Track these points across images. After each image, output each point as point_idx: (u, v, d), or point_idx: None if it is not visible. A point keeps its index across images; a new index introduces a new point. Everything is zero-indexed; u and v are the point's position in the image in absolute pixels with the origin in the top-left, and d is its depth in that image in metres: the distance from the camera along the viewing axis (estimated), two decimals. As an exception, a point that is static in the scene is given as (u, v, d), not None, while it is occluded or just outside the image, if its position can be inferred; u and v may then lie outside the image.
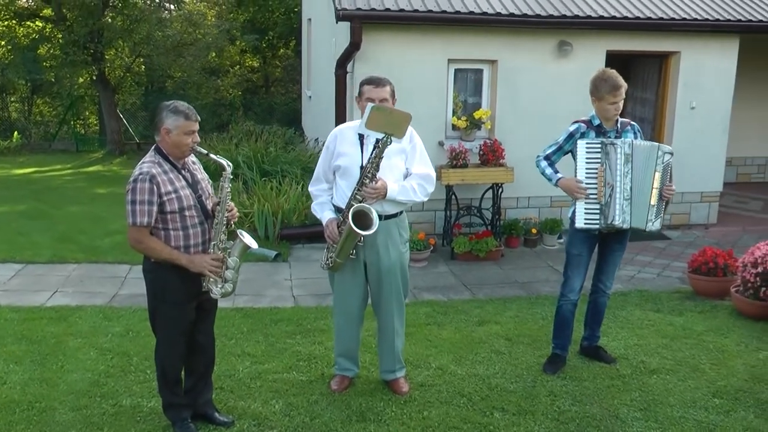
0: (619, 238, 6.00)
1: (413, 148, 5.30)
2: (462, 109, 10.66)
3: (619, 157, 5.59)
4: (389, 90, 5.22)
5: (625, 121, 5.91)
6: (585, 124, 5.85)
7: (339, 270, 5.38)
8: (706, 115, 11.41)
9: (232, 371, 5.94)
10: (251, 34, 22.76)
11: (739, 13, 11.15)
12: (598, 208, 5.66)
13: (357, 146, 5.21)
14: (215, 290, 4.71)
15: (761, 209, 12.96)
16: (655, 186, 5.63)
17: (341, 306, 5.54)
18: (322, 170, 5.42)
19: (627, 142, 5.64)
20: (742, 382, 6.00)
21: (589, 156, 5.65)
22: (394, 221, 5.33)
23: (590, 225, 5.70)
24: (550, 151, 5.92)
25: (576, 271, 5.99)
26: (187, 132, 4.53)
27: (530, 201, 10.93)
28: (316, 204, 5.48)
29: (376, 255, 5.30)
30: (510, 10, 10.07)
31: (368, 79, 5.28)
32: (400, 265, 5.40)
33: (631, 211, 5.64)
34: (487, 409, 5.41)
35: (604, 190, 5.62)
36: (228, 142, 13.90)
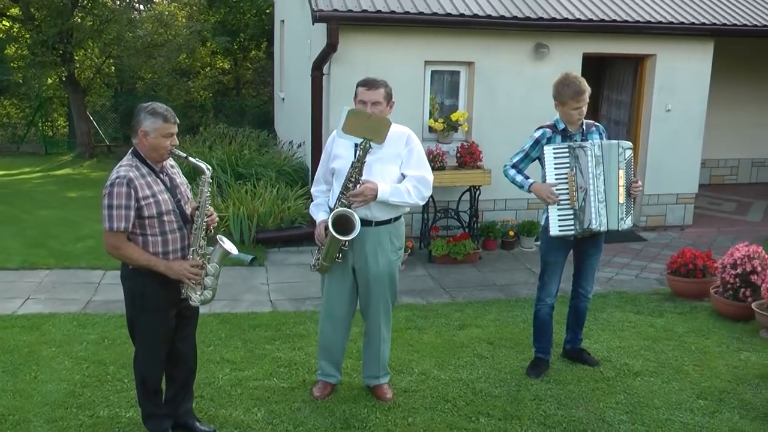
0: (594, 242, 5.95)
1: (409, 152, 5.17)
2: (439, 111, 10.61)
3: (590, 159, 5.53)
4: (383, 93, 5.09)
5: (590, 123, 5.87)
6: (550, 128, 5.79)
7: (327, 273, 5.30)
8: (681, 118, 11.46)
9: (212, 379, 5.83)
10: (222, 36, 22.60)
11: (714, 17, 11.22)
12: (571, 213, 5.61)
13: (351, 149, 5.12)
14: (194, 297, 4.60)
15: (735, 210, 13.06)
16: (621, 184, 5.61)
17: (329, 310, 5.45)
18: (321, 172, 5.37)
19: (596, 143, 5.59)
20: (725, 383, 6.01)
21: (558, 161, 5.59)
22: (386, 228, 5.22)
23: (565, 231, 5.64)
24: (517, 159, 5.86)
25: (552, 277, 5.96)
26: (165, 134, 4.41)
27: (507, 203, 10.90)
28: (313, 205, 5.43)
29: (365, 261, 5.22)
30: (487, 12, 10.03)
31: (363, 80, 5.16)
32: (388, 273, 5.30)
33: (607, 213, 5.60)
34: (472, 414, 5.35)
35: (577, 194, 5.57)
36: (201, 145, 13.74)
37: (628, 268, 9.68)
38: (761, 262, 7.52)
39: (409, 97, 10.12)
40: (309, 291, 8.24)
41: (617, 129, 12.00)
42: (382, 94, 5.08)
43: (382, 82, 5.13)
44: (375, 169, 5.02)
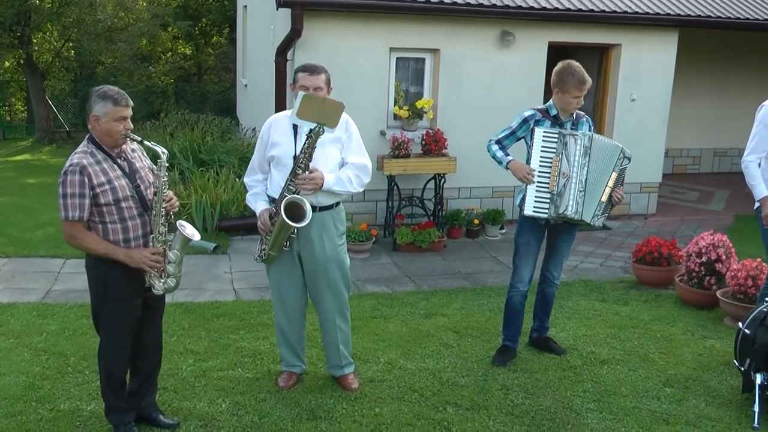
0: (568, 229, 5.98)
1: (349, 137, 5.16)
2: (404, 98, 10.54)
3: (578, 148, 5.55)
4: (324, 78, 5.07)
5: (580, 113, 5.90)
6: (541, 112, 5.79)
7: (273, 263, 5.23)
8: (646, 108, 11.51)
9: (176, 370, 5.72)
10: (184, 21, 22.30)
11: (678, 8, 11.30)
12: (548, 197, 5.61)
13: (291, 136, 5.06)
14: (158, 285, 4.49)
15: (697, 200, 13.18)
16: (609, 185, 5.65)
17: (280, 301, 5.38)
18: (257, 161, 5.28)
19: (587, 135, 5.61)
20: (691, 370, 6.05)
21: (546, 145, 5.61)
22: (330, 213, 5.17)
23: (538, 213, 5.66)
24: (502, 136, 5.86)
25: (524, 260, 5.95)
26: (117, 118, 4.28)
27: (472, 191, 10.87)
28: (251, 195, 5.32)
29: (311, 248, 5.15)
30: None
31: (303, 66, 5.12)
32: (336, 258, 5.24)
33: (584, 202, 5.60)
34: (439, 404, 5.32)
35: (558, 179, 5.58)
36: (162, 132, 13.55)
37: (592, 256, 9.71)
38: (726, 250, 7.57)
39: (373, 84, 10.04)
40: (273, 280, 8.15)
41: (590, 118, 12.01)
42: (323, 80, 5.06)
43: (322, 67, 5.11)
44: (317, 154, 4.95)
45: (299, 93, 4.83)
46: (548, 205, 5.61)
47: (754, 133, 6.11)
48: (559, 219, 5.69)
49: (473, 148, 9.60)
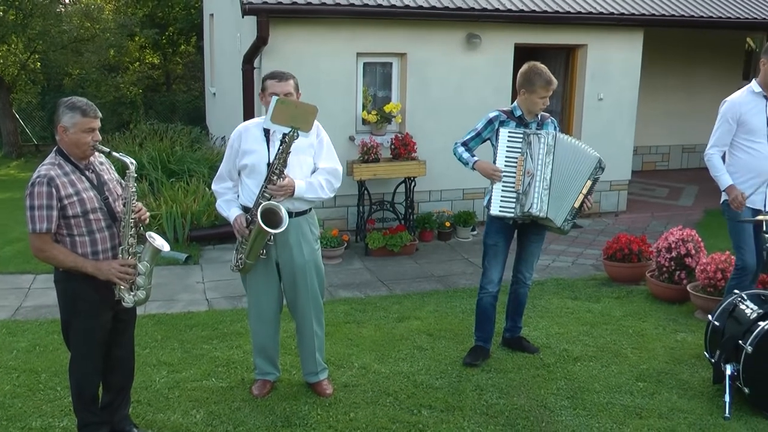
0: (537, 229, 6.01)
1: (320, 143, 5.18)
2: (372, 103, 10.55)
3: (542, 147, 5.59)
4: (293, 84, 5.09)
5: (545, 115, 5.95)
6: (505, 113, 5.84)
7: (250, 271, 5.21)
8: (613, 107, 11.61)
9: (149, 382, 5.68)
10: (151, 30, 22.16)
11: (643, 8, 11.42)
12: (514, 196, 5.65)
13: (263, 143, 5.06)
14: (127, 298, 4.45)
15: (667, 196, 13.30)
16: (583, 192, 5.70)
17: (256, 309, 5.36)
18: (226, 169, 5.25)
19: (551, 134, 5.66)
20: (663, 364, 6.12)
21: (511, 145, 5.64)
22: (305, 218, 5.19)
23: (505, 212, 5.69)
24: (468, 138, 5.90)
25: (493, 261, 5.98)
26: (85, 130, 4.24)
27: (443, 194, 10.90)
28: (222, 201, 5.29)
29: (289, 254, 5.15)
30: (418, 3, 10.00)
31: (271, 73, 5.14)
32: (314, 263, 5.27)
33: (549, 201, 5.64)
34: (414, 407, 5.33)
35: (523, 178, 5.62)
36: (131, 142, 13.44)
37: (564, 255, 9.76)
38: (695, 245, 7.66)
39: (341, 90, 10.05)
40: (245, 288, 8.12)
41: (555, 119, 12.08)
42: (292, 85, 5.08)
43: (289, 73, 5.13)
44: (291, 161, 4.96)
45: (273, 97, 4.83)
46: (514, 205, 5.65)
47: (717, 127, 6.22)
48: (526, 218, 5.73)
49: (442, 151, 9.61)
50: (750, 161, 6.14)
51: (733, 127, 6.14)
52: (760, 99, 6.11)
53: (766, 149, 6.10)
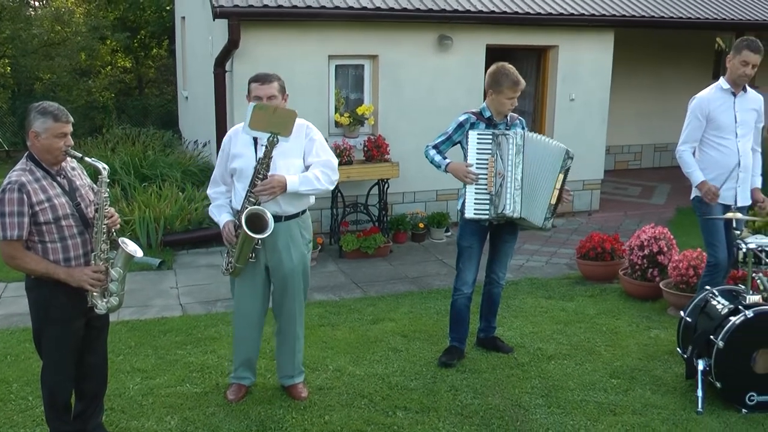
0: (510, 229, 6.03)
1: (310, 141, 5.14)
2: (344, 105, 10.55)
3: (510, 147, 5.61)
4: (277, 86, 5.04)
5: (514, 115, 5.98)
6: (475, 115, 5.85)
7: (240, 275, 5.19)
8: (585, 107, 11.69)
9: (122, 389, 5.64)
10: (122, 33, 22.03)
11: (613, 9, 11.50)
12: (488, 198, 5.67)
13: (251, 147, 5.04)
14: (100, 305, 4.41)
15: (639, 194, 13.41)
16: (557, 187, 5.68)
17: (242, 311, 5.34)
18: (219, 173, 5.25)
19: (519, 133, 5.68)
20: (636, 361, 6.16)
21: (480, 146, 5.67)
22: (296, 222, 5.17)
23: (480, 215, 5.71)
24: (439, 141, 5.92)
25: (468, 263, 5.99)
26: (57, 135, 4.21)
27: (416, 195, 10.92)
28: (214, 207, 5.29)
29: (279, 258, 5.15)
30: (389, 5, 10.02)
31: (255, 76, 5.10)
32: (303, 268, 5.27)
33: (522, 201, 5.66)
34: (389, 408, 5.33)
35: (495, 179, 5.64)
36: (103, 147, 13.32)
37: (538, 254, 9.81)
38: (667, 242, 7.72)
39: (313, 92, 10.04)
40: (219, 292, 8.10)
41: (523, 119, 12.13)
42: (276, 88, 5.03)
43: (275, 75, 5.09)
44: (279, 164, 4.95)
45: (250, 104, 4.81)
46: (488, 206, 5.67)
47: (687, 124, 6.30)
48: (500, 219, 5.74)
49: (415, 153, 9.61)
50: (719, 157, 6.21)
51: (702, 123, 6.21)
52: (729, 96, 6.19)
53: (735, 145, 6.17)
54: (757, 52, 6.05)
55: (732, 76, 6.14)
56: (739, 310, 5.32)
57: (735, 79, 6.14)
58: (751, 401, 5.25)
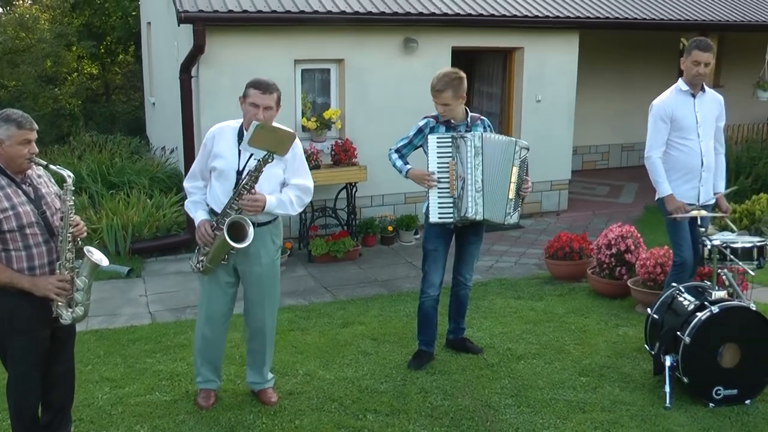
0: (475, 231, 6.04)
1: (293, 157, 5.09)
2: (311, 109, 10.55)
3: (469, 149, 5.61)
4: (276, 97, 4.99)
5: (475, 116, 5.96)
6: (434, 119, 5.87)
7: (210, 274, 5.17)
8: (552, 108, 11.76)
9: (91, 399, 5.58)
10: (88, 40, 21.85)
11: (577, 11, 11.61)
12: (451, 201, 5.68)
13: (235, 149, 5.01)
14: (65, 315, 4.34)
15: (607, 194, 13.52)
16: (512, 180, 5.67)
17: (208, 313, 5.31)
18: (198, 168, 5.21)
19: (477, 135, 5.68)
20: (605, 358, 6.21)
21: (440, 150, 5.67)
22: (268, 228, 5.15)
23: (445, 219, 5.71)
24: (401, 145, 5.93)
25: (434, 266, 6.00)
26: (21, 142, 4.16)
27: (385, 199, 10.94)
28: (190, 202, 5.24)
29: (249, 263, 5.14)
30: (354, 9, 10.03)
31: (256, 82, 4.99)
32: (273, 273, 5.27)
33: (484, 202, 5.67)
34: (359, 412, 5.33)
35: (456, 183, 5.65)
36: (70, 155, 13.19)
37: (507, 255, 9.86)
38: (634, 241, 7.79)
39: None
40: (189, 299, 8.07)
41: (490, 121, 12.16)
42: (275, 99, 4.99)
43: (275, 86, 5.02)
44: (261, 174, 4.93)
45: (253, 122, 4.75)
46: (452, 210, 5.68)
47: (651, 129, 6.33)
48: (464, 222, 5.76)
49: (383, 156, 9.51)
50: (683, 158, 6.27)
51: (667, 126, 6.26)
52: (688, 97, 6.26)
53: (698, 146, 6.24)
54: (706, 50, 6.13)
55: (688, 77, 6.23)
56: (704, 306, 5.38)
57: (691, 80, 6.23)
58: (718, 395, 5.31)
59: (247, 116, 4.96)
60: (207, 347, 5.40)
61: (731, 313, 5.33)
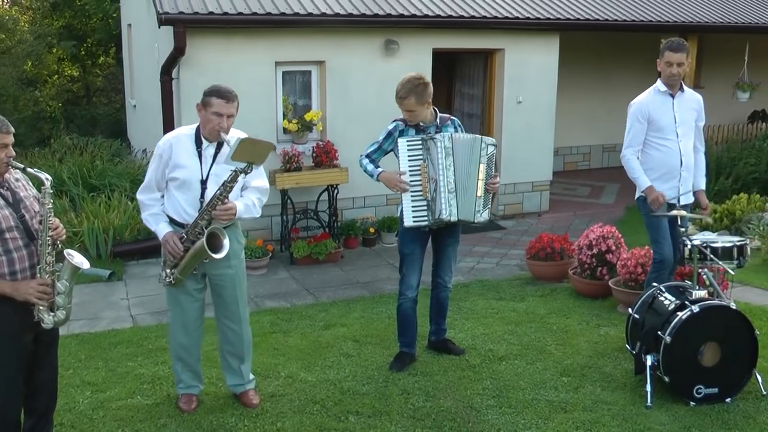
0: (451, 232, 6.01)
1: None
2: (292, 111, 10.54)
3: (439, 151, 5.58)
4: (236, 105, 5.01)
5: (445, 116, 5.93)
6: (403, 122, 5.83)
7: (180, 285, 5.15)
8: (532, 109, 11.80)
9: (72, 404, 5.54)
10: (68, 41, 21.73)
11: (558, 12, 11.66)
12: (425, 204, 5.65)
13: (196, 158, 5.00)
14: (47, 319, 4.30)
15: (588, 194, 13.58)
16: (480, 177, 5.66)
17: (182, 320, 5.29)
18: (154, 179, 5.12)
19: (447, 135, 5.65)
20: (586, 358, 6.22)
21: (411, 153, 5.64)
22: (231, 231, 5.14)
23: (419, 222, 5.69)
24: (371, 150, 5.90)
25: (411, 269, 5.98)
26: None
27: (366, 200, 10.94)
28: (149, 215, 5.16)
29: (221, 268, 5.13)
30: (335, 11, 10.03)
31: (217, 90, 4.98)
32: (243, 271, 5.30)
33: (458, 203, 5.65)
34: (341, 414, 5.32)
35: (429, 185, 5.61)
36: (51, 158, 13.13)
37: (488, 256, 9.88)
38: (615, 241, 7.83)
39: (261, 99, 10.01)
40: (171, 302, 8.03)
41: (471, 122, 12.23)
42: (236, 107, 5.00)
43: (235, 93, 5.03)
44: (224, 179, 4.92)
45: (236, 137, 4.72)
46: (426, 213, 5.65)
47: (629, 128, 6.40)
48: (439, 224, 5.73)
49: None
50: (662, 158, 6.32)
51: (644, 126, 6.31)
52: (667, 97, 6.31)
53: (677, 145, 6.28)
54: (678, 50, 6.19)
55: (664, 78, 6.30)
56: (685, 305, 5.40)
57: (667, 81, 6.29)
58: (699, 393, 5.34)
59: (209, 125, 4.94)
60: (186, 354, 5.38)
61: (712, 313, 5.36)
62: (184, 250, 4.96)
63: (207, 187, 4.99)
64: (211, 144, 5.03)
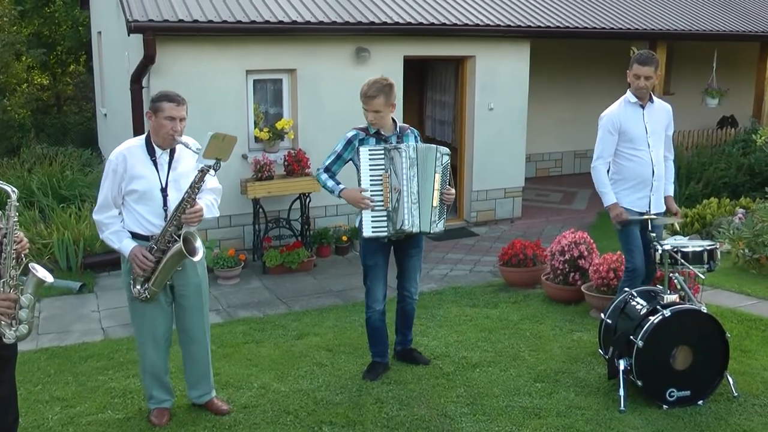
0: (413, 243, 5.94)
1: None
2: (263, 120, 10.50)
3: (404, 161, 5.53)
4: (186, 108, 4.99)
5: (404, 126, 5.89)
6: (363, 131, 5.78)
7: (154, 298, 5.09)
8: (504, 116, 11.84)
9: (41, 421, 5.44)
10: (38, 49, 21.52)
11: (528, 20, 11.71)
12: (385, 215, 5.59)
13: (152, 167, 4.95)
14: (9, 334, 4.18)
15: (560, 200, 13.65)
16: (436, 187, 5.62)
17: (151, 334, 5.20)
18: (111, 196, 4.98)
19: (411, 145, 5.61)
20: (560, 364, 6.22)
21: (373, 163, 5.57)
22: None
23: (378, 233, 5.62)
24: (329, 162, 5.79)
25: (375, 281, 5.91)
26: None
27: (338, 209, 10.90)
28: (110, 233, 5.01)
29: (187, 276, 5.10)
30: (306, 18, 10.01)
31: (166, 95, 4.95)
32: (205, 281, 5.26)
33: (421, 214, 5.61)
34: (315, 424, 5.28)
35: (391, 195, 5.55)
36: (19, 168, 13.01)
37: (462, 263, 9.88)
38: (587, 246, 7.85)
39: (232, 108, 9.97)
40: (142, 313, 7.95)
41: (443, 129, 12.26)
42: (185, 110, 4.98)
43: (183, 97, 5.01)
44: (182, 183, 4.91)
45: (208, 133, 4.68)
46: (386, 223, 5.58)
47: (600, 139, 6.43)
48: (400, 235, 5.68)
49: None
50: (634, 168, 6.35)
51: (615, 138, 6.34)
52: (637, 108, 6.34)
53: (648, 156, 6.32)
54: (646, 63, 6.22)
55: (633, 89, 6.33)
56: (657, 309, 5.42)
57: (635, 92, 6.33)
58: (672, 397, 5.36)
59: (162, 131, 4.90)
60: (156, 369, 5.30)
61: (683, 317, 5.38)
62: (156, 261, 4.90)
63: (168, 194, 4.95)
64: (165, 151, 4.98)
